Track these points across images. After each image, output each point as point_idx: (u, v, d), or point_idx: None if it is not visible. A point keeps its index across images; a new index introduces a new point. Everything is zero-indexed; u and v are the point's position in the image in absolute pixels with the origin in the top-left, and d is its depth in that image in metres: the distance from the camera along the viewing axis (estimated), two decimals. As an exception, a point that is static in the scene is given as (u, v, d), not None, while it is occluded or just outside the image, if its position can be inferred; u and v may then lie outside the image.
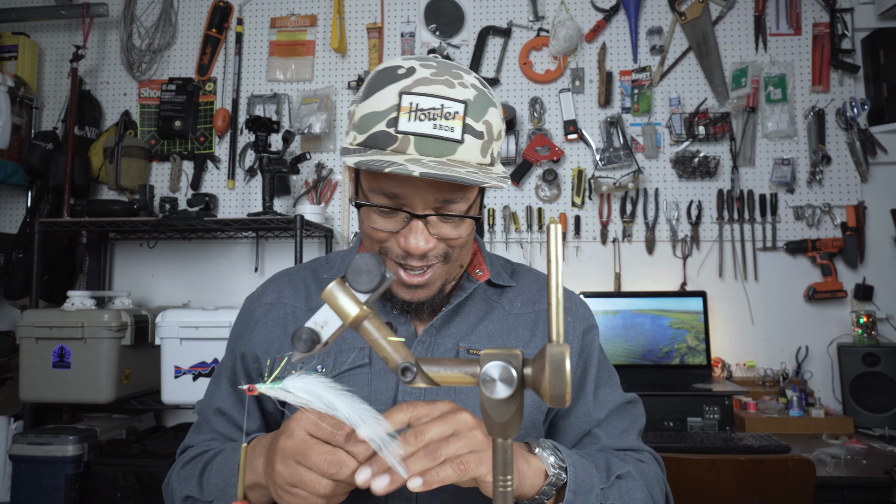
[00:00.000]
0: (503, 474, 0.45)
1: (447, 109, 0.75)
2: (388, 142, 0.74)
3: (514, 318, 0.93)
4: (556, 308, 0.42)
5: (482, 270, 0.93)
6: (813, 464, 1.46)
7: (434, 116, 0.74)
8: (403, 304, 0.85)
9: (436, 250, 0.80)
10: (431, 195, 0.76)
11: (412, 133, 0.74)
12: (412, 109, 0.74)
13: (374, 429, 0.50)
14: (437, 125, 0.74)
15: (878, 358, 2.20)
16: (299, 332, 0.47)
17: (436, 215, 0.78)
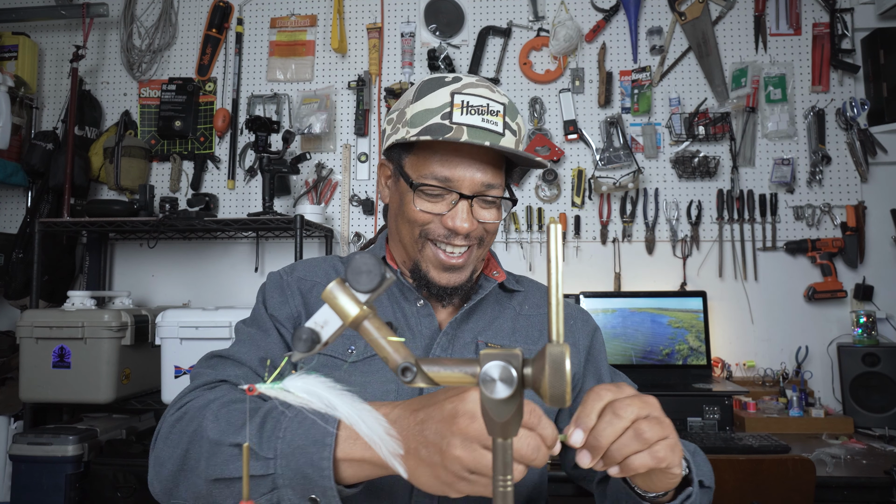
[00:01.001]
0: (503, 474, 0.45)
1: (492, 108, 0.89)
2: (443, 131, 0.86)
3: (525, 318, 1.01)
4: (555, 308, 0.42)
5: (498, 272, 1.03)
6: (813, 464, 1.46)
7: (482, 112, 0.88)
8: (439, 289, 0.93)
9: (475, 232, 0.91)
10: (479, 178, 0.89)
11: (465, 124, 0.87)
12: (464, 106, 0.88)
13: (375, 429, 0.49)
14: (485, 119, 0.88)
15: (878, 358, 2.20)
16: (299, 331, 0.47)
17: (481, 197, 0.90)
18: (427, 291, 0.94)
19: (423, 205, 0.90)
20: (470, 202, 0.89)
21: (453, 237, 0.90)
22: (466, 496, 0.82)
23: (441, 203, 0.90)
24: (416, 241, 0.92)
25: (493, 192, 0.90)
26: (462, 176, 0.88)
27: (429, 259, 0.92)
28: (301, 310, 0.96)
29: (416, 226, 0.91)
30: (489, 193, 0.90)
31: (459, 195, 0.88)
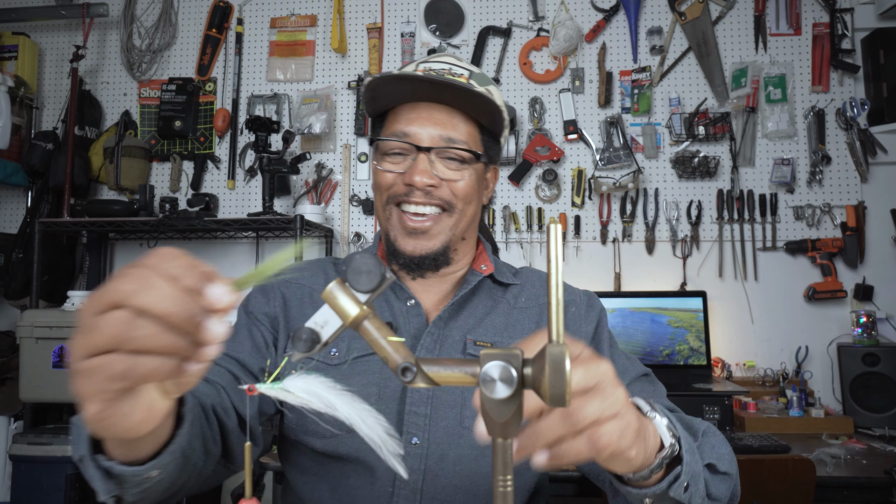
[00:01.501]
0: (503, 474, 0.45)
1: (454, 71, 0.90)
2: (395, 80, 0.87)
3: (519, 311, 0.96)
4: (555, 308, 0.42)
5: (486, 265, 0.98)
6: (813, 464, 1.46)
7: (443, 74, 0.88)
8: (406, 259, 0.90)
9: (439, 191, 0.88)
10: (437, 132, 0.88)
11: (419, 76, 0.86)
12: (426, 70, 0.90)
13: (375, 428, 0.50)
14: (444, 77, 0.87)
15: (878, 358, 2.20)
16: (299, 331, 0.47)
17: (439, 148, 0.88)
18: (396, 264, 0.92)
19: (386, 165, 0.90)
20: (428, 155, 0.87)
21: (413, 192, 0.88)
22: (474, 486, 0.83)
23: (403, 163, 0.89)
24: (384, 208, 0.92)
25: (454, 146, 0.88)
26: (419, 130, 0.88)
27: (395, 226, 0.90)
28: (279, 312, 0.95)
29: (382, 190, 0.91)
30: (450, 147, 0.88)
31: (416, 148, 0.87)
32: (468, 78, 0.90)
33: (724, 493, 0.72)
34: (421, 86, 0.87)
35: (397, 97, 0.91)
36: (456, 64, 0.92)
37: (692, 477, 0.63)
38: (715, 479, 0.70)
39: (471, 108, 0.90)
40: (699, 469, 0.65)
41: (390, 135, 0.89)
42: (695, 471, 0.63)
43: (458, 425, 0.85)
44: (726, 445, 0.75)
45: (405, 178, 0.88)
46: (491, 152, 0.95)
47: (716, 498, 0.70)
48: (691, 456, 0.63)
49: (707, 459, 0.69)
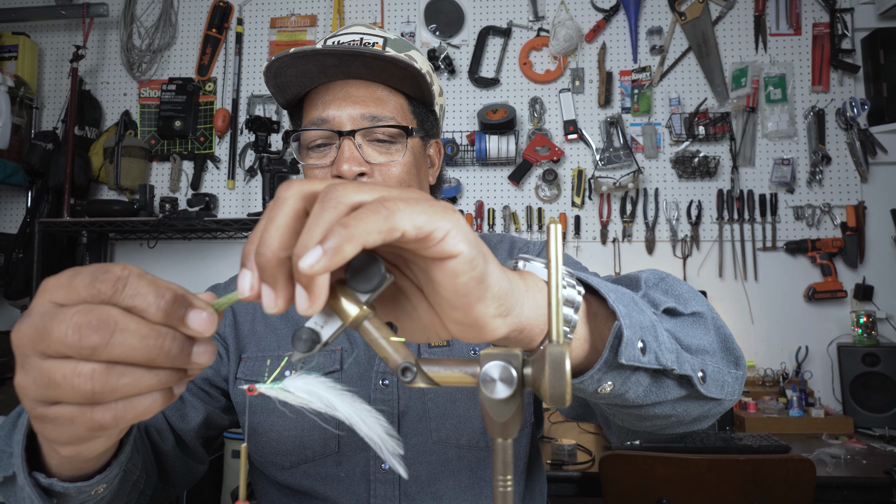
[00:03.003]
0: (503, 474, 0.45)
1: (366, 40, 0.80)
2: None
3: None
4: (555, 308, 0.42)
5: None
6: (813, 464, 1.46)
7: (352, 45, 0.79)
8: None
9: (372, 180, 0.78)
10: (357, 111, 0.78)
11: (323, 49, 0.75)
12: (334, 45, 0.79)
13: (375, 429, 0.49)
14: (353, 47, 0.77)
15: (878, 358, 2.20)
16: (299, 332, 0.47)
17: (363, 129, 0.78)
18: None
19: (311, 160, 0.80)
20: (352, 139, 0.77)
21: None
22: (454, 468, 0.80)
23: (328, 155, 0.80)
24: None
25: (382, 123, 0.79)
26: (338, 113, 0.78)
27: None
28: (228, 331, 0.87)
29: None
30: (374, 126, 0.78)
31: (338, 134, 0.78)
32: (383, 46, 0.80)
33: (705, 338, 0.55)
34: (327, 61, 0.77)
35: (306, 79, 0.80)
36: (368, 33, 0.82)
37: (643, 330, 0.47)
38: (682, 324, 0.55)
39: (390, 79, 0.80)
40: (651, 319, 0.49)
41: (307, 123, 0.80)
42: (643, 322, 0.47)
43: (427, 441, 0.81)
44: (684, 284, 0.59)
45: (333, 171, 0.77)
46: (426, 125, 0.86)
47: (697, 349, 0.54)
48: (628, 306, 0.47)
49: (663, 305, 0.54)
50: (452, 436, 0.81)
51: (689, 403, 0.54)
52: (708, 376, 0.53)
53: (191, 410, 0.82)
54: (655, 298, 0.55)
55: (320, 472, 0.81)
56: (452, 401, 0.81)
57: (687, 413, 0.55)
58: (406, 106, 0.83)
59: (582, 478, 1.68)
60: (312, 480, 0.80)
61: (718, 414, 0.58)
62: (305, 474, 0.81)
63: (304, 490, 0.81)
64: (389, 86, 0.81)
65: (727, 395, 0.56)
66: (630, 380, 0.48)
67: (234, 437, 2.17)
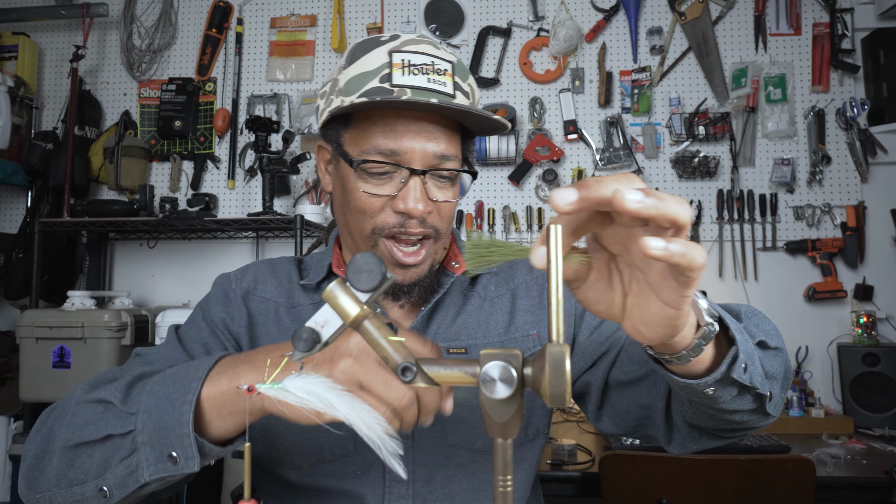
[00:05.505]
0: (503, 474, 0.45)
1: (438, 66, 0.77)
2: (382, 94, 0.74)
3: (490, 303, 0.89)
4: (556, 308, 0.42)
5: (458, 263, 0.89)
6: (813, 464, 1.46)
7: (427, 71, 0.76)
8: (395, 287, 0.81)
9: (431, 217, 0.78)
10: (431, 149, 0.76)
11: (409, 86, 0.74)
12: (405, 65, 0.75)
13: (374, 429, 0.49)
14: (431, 79, 0.76)
15: (878, 358, 2.20)
16: (300, 331, 0.47)
17: (435, 172, 0.77)
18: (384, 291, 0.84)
19: (369, 187, 0.76)
20: (423, 178, 0.76)
21: (407, 223, 0.76)
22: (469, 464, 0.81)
23: (389, 183, 0.77)
24: (367, 237, 0.79)
25: (448, 164, 0.77)
26: (410, 147, 0.75)
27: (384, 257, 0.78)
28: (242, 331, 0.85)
29: (365, 218, 0.78)
30: (444, 166, 0.77)
31: (410, 171, 0.75)
32: (452, 74, 0.78)
33: (779, 369, 0.70)
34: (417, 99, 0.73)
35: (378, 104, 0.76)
36: (437, 56, 0.78)
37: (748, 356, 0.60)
38: (767, 356, 0.68)
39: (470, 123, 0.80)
40: (751, 348, 0.63)
41: (371, 150, 0.76)
42: (748, 350, 0.61)
43: (442, 444, 0.81)
44: (770, 322, 0.73)
45: (398, 206, 0.76)
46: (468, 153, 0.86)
47: (772, 376, 0.68)
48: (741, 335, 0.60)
49: (758, 337, 0.67)
50: (468, 440, 0.82)
51: (754, 416, 0.69)
52: (773, 398, 0.68)
53: None
54: (752, 331, 0.67)
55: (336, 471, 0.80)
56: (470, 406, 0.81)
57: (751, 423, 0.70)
58: (459, 141, 0.82)
59: (582, 478, 1.68)
60: (328, 479, 0.80)
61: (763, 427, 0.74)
62: (321, 474, 0.80)
63: (320, 487, 0.81)
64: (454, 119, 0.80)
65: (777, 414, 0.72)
66: (726, 389, 0.61)
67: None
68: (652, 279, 0.49)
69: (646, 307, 0.49)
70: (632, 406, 0.82)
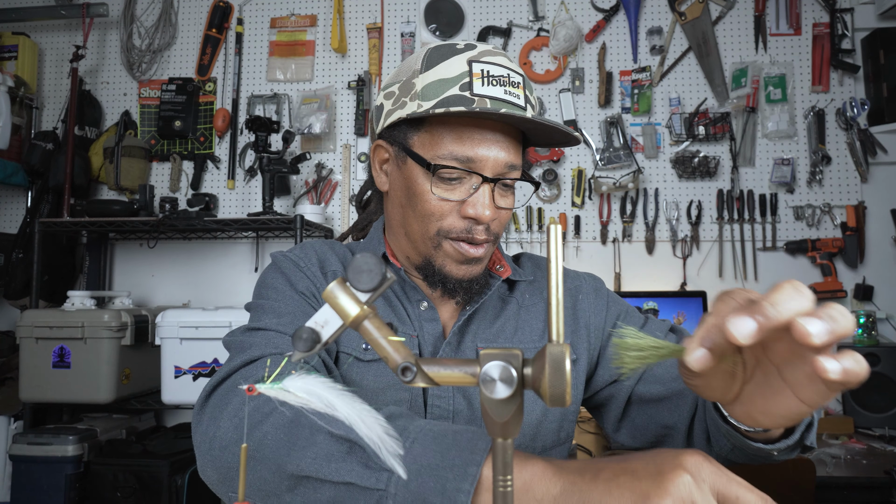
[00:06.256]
0: (503, 474, 0.45)
1: (512, 79, 0.80)
2: (464, 103, 0.76)
3: (527, 310, 0.91)
4: (556, 308, 0.42)
5: (503, 266, 0.91)
6: (813, 464, 1.46)
7: (504, 83, 0.79)
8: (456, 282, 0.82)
9: (494, 224, 0.81)
10: (503, 158, 0.78)
11: (488, 96, 0.77)
12: (484, 75, 0.78)
13: (374, 429, 0.49)
14: (507, 91, 0.78)
15: (878, 358, 2.20)
16: (300, 331, 0.47)
17: (502, 180, 0.80)
18: (442, 287, 0.83)
19: (440, 191, 0.79)
20: (492, 186, 0.79)
21: (474, 228, 0.79)
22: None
23: (459, 189, 0.79)
24: (430, 238, 0.81)
25: (514, 173, 0.81)
26: (485, 155, 0.77)
27: (447, 254, 0.81)
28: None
29: (431, 220, 0.80)
30: (510, 175, 0.80)
31: (483, 178, 0.78)
32: (523, 87, 0.80)
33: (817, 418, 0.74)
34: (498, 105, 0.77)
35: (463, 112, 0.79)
36: (511, 68, 0.80)
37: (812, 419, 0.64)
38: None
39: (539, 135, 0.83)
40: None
41: (447, 155, 0.77)
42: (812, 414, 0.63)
43: None
44: None
45: (467, 211, 0.78)
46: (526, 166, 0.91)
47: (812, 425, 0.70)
48: None
49: None
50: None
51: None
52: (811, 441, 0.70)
53: None
54: None
55: None
56: None
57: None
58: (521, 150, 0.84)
59: (582, 478, 1.68)
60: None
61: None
62: None
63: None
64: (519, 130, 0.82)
65: None
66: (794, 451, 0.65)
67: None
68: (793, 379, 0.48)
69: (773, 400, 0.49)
70: (652, 424, 0.83)
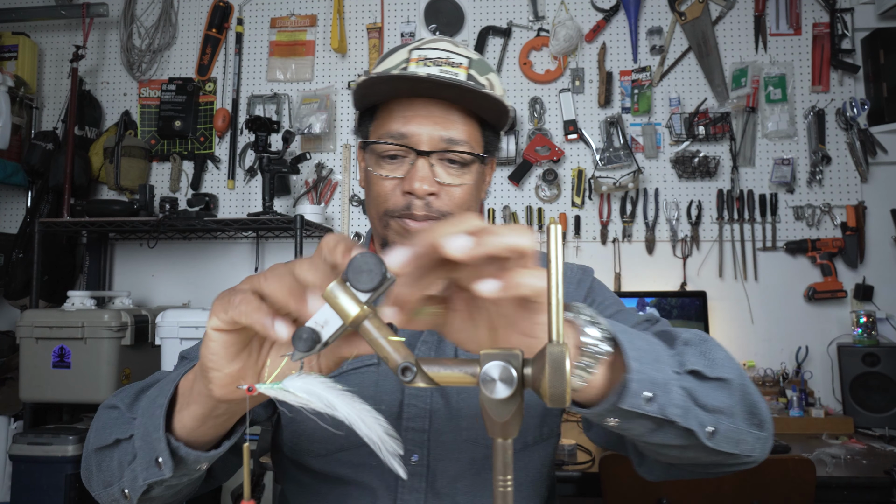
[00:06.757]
0: (503, 474, 0.45)
1: (452, 59, 0.82)
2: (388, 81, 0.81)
3: None
4: (555, 308, 0.42)
5: None
6: (813, 464, 1.46)
7: (440, 63, 0.81)
8: None
9: (438, 201, 0.81)
10: (437, 132, 0.80)
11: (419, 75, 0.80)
12: (421, 59, 0.82)
13: (374, 428, 0.49)
14: (444, 70, 0.81)
15: (878, 358, 2.20)
16: (299, 331, 0.47)
17: (439, 152, 0.81)
18: None
19: (382, 170, 0.82)
20: (428, 159, 0.80)
21: (413, 204, 0.80)
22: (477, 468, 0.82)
23: (400, 167, 0.81)
24: (381, 218, 0.84)
25: (456, 148, 0.81)
26: (418, 131, 0.80)
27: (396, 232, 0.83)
28: None
29: (379, 201, 0.83)
30: (453, 149, 0.81)
31: (416, 152, 0.80)
32: (468, 67, 0.83)
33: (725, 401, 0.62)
34: (421, 84, 0.80)
35: (393, 93, 0.83)
36: (453, 51, 0.84)
37: (654, 385, 0.55)
38: (705, 386, 0.61)
39: (475, 106, 0.83)
40: (666, 377, 0.57)
41: (384, 135, 0.82)
42: (655, 378, 0.55)
43: (457, 439, 0.82)
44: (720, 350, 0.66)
45: (404, 186, 0.80)
46: (491, 147, 0.89)
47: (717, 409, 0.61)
48: (646, 363, 0.55)
49: (690, 366, 0.61)
50: (482, 436, 0.83)
51: (696, 452, 0.62)
52: (719, 433, 0.61)
53: None
54: (686, 360, 0.62)
55: (353, 459, 0.82)
56: None
57: (697, 459, 0.65)
58: (478, 131, 0.85)
59: (582, 478, 1.68)
60: (346, 468, 0.82)
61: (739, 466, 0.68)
62: (339, 462, 0.82)
63: (337, 476, 0.83)
64: (468, 109, 0.83)
65: (744, 451, 0.65)
66: (634, 421, 0.57)
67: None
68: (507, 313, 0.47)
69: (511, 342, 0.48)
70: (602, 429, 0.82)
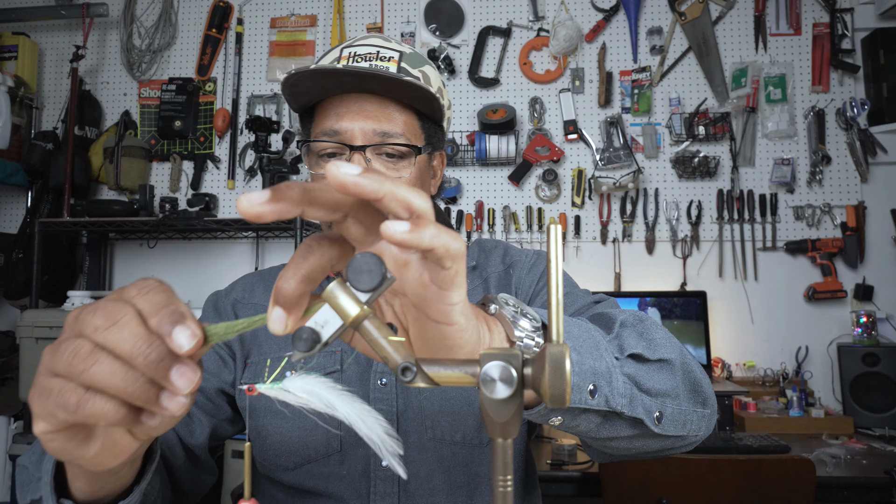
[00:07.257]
0: (503, 474, 0.45)
1: (382, 54, 0.82)
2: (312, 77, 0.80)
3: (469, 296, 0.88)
4: (556, 308, 0.42)
5: None
6: (813, 464, 1.46)
7: (370, 59, 0.82)
8: None
9: None
10: (370, 126, 0.80)
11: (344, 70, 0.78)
12: (350, 56, 0.82)
13: (374, 428, 0.49)
14: (373, 65, 0.81)
15: (878, 358, 2.20)
16: (300, 331, 0.47)
17: (374, 146, 0.80)
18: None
19: (321, 169, 0.82)
20: (363, 154, 0.79)
21: None
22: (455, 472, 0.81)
23: None
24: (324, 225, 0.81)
25: (391, 141, 0.80)
26: (349, 126, 0.79)
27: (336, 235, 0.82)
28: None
29: None
30: (387, 143, 0.80)
31: (350, 147, 0.79)
32: (399, 61, 0.82)
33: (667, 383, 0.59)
34: (346, 77, 0.79)
35: (322, 90, 0.82)
36: (384, 46, 0.83)
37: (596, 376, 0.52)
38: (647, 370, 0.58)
39: (403, 97, 0.82)
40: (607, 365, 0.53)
41: (319, 133, 0.81)
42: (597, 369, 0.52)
43: (423, 439, 0.82)
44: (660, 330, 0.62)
45: None
46: (434, 139, 0.87)
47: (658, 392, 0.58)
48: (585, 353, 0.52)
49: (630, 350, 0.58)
50: (447, 433, 0.82)
51: (645, 440, 0.60)
52: (666, 417, 0.59)
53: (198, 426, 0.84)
54: (625, 343, 0.59)
55: (323, 471, 0.82)
56: (447, 398, 0.82)
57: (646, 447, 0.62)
58: (415, 122, 0.84)
59: (582, 478, 1.68)
60: (316, 479, 0.82)
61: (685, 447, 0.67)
62: (309, 474, 0.82)
63: (308, 489, 0.82)
64: (402, 102, 0.83)
65: (690, 431, 0.64)
66: (579, 417, 0.53)
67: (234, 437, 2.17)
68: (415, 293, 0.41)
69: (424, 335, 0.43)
70: None
